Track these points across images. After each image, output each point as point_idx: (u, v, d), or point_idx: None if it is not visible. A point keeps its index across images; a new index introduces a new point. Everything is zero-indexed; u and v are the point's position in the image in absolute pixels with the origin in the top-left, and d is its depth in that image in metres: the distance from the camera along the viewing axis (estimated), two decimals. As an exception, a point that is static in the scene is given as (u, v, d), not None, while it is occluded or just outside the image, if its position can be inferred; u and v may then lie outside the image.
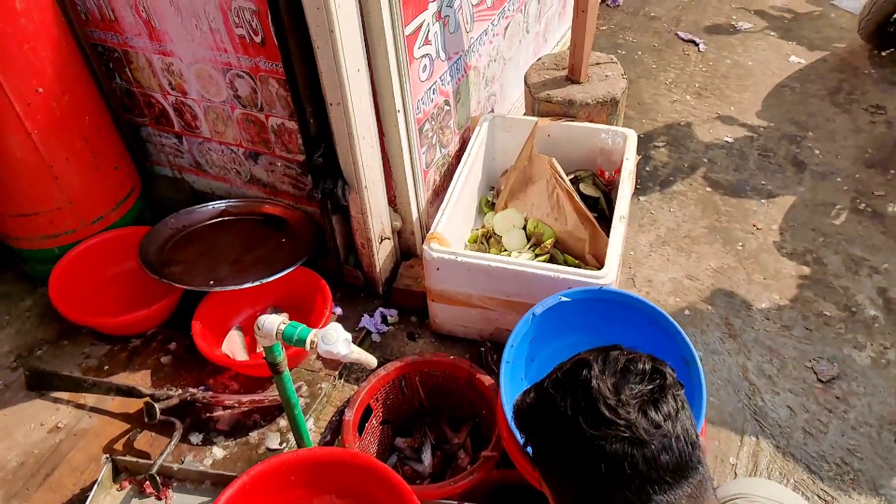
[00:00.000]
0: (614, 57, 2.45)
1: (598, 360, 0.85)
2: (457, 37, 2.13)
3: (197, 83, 2.15)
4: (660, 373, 0.83)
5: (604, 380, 0.82)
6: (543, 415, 0.87)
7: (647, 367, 0.83)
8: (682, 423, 0.83)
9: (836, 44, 3.25)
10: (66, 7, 2.13)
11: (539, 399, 0.89)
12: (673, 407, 0.83)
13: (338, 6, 1.58)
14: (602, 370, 0.83)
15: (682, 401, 0.85)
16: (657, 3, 3.66)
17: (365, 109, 1.82)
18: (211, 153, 2.37)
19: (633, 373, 0.83)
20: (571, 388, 0.85)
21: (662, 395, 0.83)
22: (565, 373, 0.87)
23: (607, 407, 0.81)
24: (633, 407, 0.81)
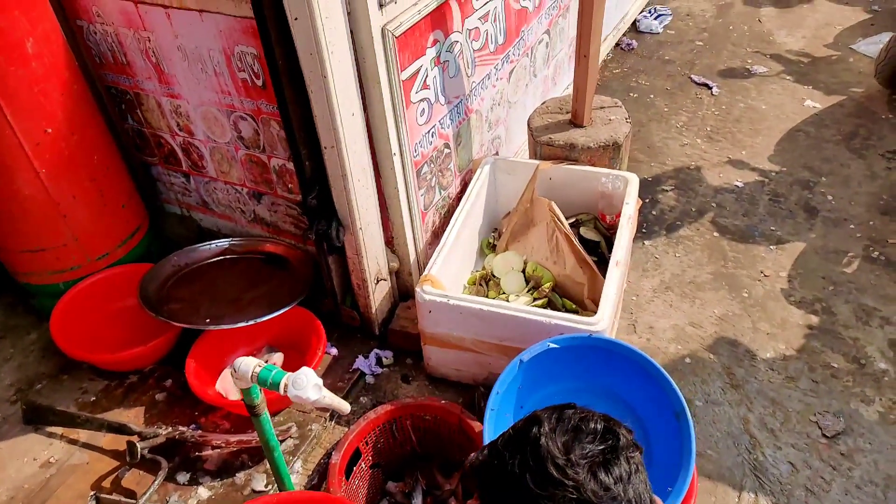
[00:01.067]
0: (619, 101, 2.45)
1: (551, 418, 0.82)
2: (457, 81, 2.15)
3: (203, 124, 2.20)
4: (613, 433, 0.80)
5: (554, 438, 0.79)
6: (493, 472, 0.85)
7: (600, 427, 0.81)
8: (634, 486, 0.79)
9: (853, 88, 3.21)
10: (81, 51, 2.22)
11: (490, 456, 0.86)
12: (625, 470, 0.80)
13: (331, 52, 1.61)
14: (553, 428, 0.81)
15: (637, 464, 0.82)
16: (672, 47, 3.67)
17: (360, 152, 1.84)
18: (217, 192, 2.41)
19: (586, 432, 0.80)
20: (521, 446, 0.82)
21: (615, 456, 0.80)
22: (517, 430, 0.84)
23: (555, 466, 0.78)
24: (582, 468, 0.78)
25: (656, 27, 3.82)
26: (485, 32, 2.22)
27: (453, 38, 2.05)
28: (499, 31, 2.31)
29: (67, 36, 2.16)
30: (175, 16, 1.94)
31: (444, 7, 1.95)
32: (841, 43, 3.57)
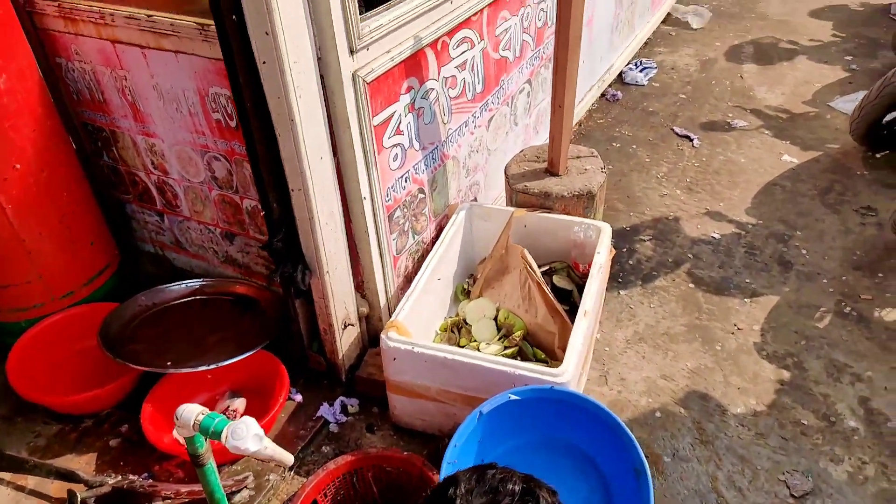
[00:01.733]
0: (595, 151, 2.46)
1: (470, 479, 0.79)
2: (433, 127, 2.16)
3: (177, 164, 2.20)
4: (532, 495, 0.77)
5: (470, 500, 0.76)
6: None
7: (519, 489, 0.78)
8: None
9: (829, 144, 3.25)
10: (60, 88, 2.23)
11: None
12: None
13: (298, 97, 1.62)
14: (470, 490, 0.78)
15: None
16: (656, 99, 3.72)
17: (328, 195, 1.83)
18: (190, 232, 2.39)
19: (503, 493, 0.77)
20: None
21: (531, 519, 0.77)
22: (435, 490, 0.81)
23: None
24: None
25: (641, 79, 3.88)
26: (462, 81, 2.25)
27: (429, 86, 2.07)
28: (477, 79, 2.34)
29: (46, 73, 2.17)
30: (151, 56, 1.95)
31: (419, 55, 1.98)
32: (819, 100, 3.63)
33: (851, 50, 4.17)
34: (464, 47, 2.19)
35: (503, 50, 2.46)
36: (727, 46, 4.27)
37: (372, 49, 1.77)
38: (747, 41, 4.33)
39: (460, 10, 2.10)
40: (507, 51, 2.50)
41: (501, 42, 2.42)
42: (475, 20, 2.21)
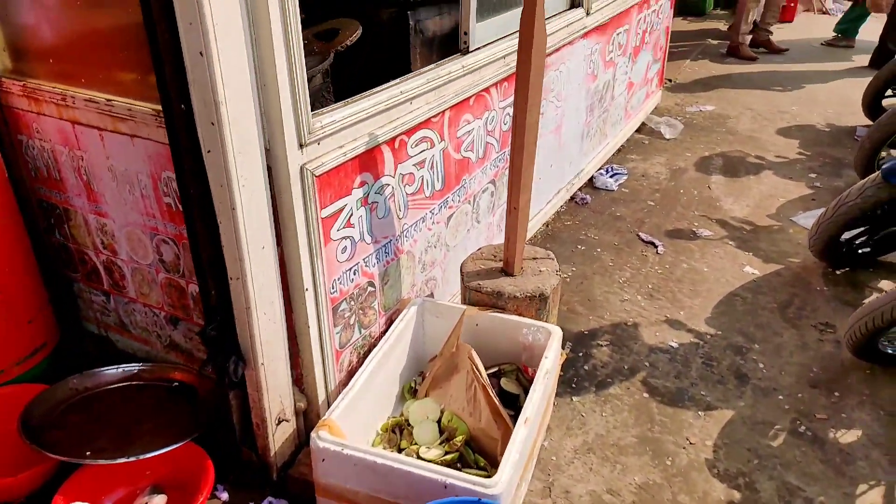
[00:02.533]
0: (551, 253, 2.47)
1: None
2: (387, 222, 2.16)
3: (127, 245, 2.18)
4: None
5: None
6: None
7: None
8: None
9: (791, 258, 3.28)
10: (20, 164, 2.24)
11: None
12: None
13: (242, 186, 1.62)
14: None
15: None
16: (624, 205, 3.79)
17: (268, 285, 1.80)
18: (135, 314, 2.34)
19: None
20: None
21: None
22: None
23: None
24: None
25: (612, 185, 3.97)
26: (420, 178, 2.28)
27: (384, 182, 2.09)
28: (436, 178, 2.37)
29: (8, 149, 2.19)
30: (108, 138, 1.97)
31: (375, 152, 2.01)
32: (782, 214, 3.71)
33: (816, 168, 4.30)
34: (423, 146, 2.24)
35: (465, 151, 2.51)
36: (697, 157, 4.40)
37: (323, 143, 1.80)
38: (717, 153, 4.47)
39: (420, 112, 2.15)
40: (470, 152, 2.55)
41: (464, 143, 2.48)
42: (436, 121, 2.26)
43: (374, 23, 2.91)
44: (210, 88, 1.48)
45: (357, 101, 1.91)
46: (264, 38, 1.54)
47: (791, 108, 5.29)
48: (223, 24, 1.45)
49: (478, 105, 2.50)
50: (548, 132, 3.19)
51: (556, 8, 3.04)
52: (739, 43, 6.43)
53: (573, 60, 3.23)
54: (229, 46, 1.48)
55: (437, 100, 2.23)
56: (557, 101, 3.19)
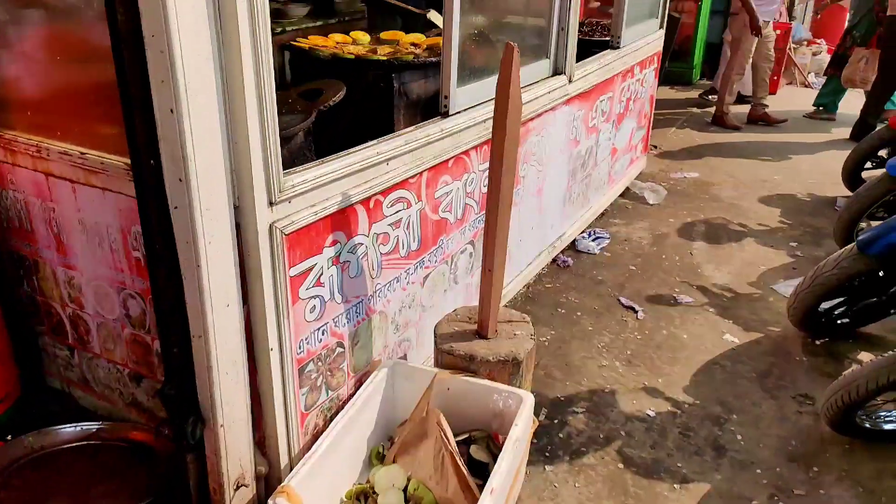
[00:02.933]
0: (527, 316, 2.44)
1: None
2: (359, 281, 2.14)
3: (94, 298, 2.15)
4: None
5: None
6: None
7: None
8: None
9: (771, 327, 3.27)
10: (-5, 214, 2.23)
11: None
12: None
13: (208, 243, 1.60)
14: None
15: None
16: (606, 269, 3.79)
17: (232, 344, 1.76)
18: (99, 370, 2.29)
19: None
20: None
21: None
22: None
23: None
24: None
25: (594, 248, 3.98)
26: (395, 238, 2.27)
27: (357, 241, 2.08)
28: (412, 238, 2.36)
29: (-18, 198, 2.18)
30: (80, 191, 1.97)
31: (348, 211, 2.00)
32: (763, 282, 3.71)
33: (797, 237, 4.34)
34: (399, 206, 2.24)
35: (443, 212, 2.52)
36: (680, 223, 4.44)
37: (294, 202, 1.79)
38: (699, 220, 4.51)
39: (396, 172, 2.17)
40: (448, 213, 2.55)
41: (441, 204, 2.49)
42: (413, 182, 2.27)
43: (361, 84, 2.97)
44: (179, 145, 1.49)
45: (331, 160, 1.92)
46: (237, 99, 1.56)
47: (773, 178, 5.38)
48: (195, 84, 1.46)
49: (457, 167, 2.52)
50: (529, 195, 3.22)
51: (539, 75, 3.10)
52: (724, 112, 6.59)
53: (555, 126, 3.28)
54: (200, 105, 1.49)
55: (415, 161, 2.25)
56: (539, 165, 3.23)
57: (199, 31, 1.44)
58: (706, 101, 7.31)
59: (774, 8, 6.25)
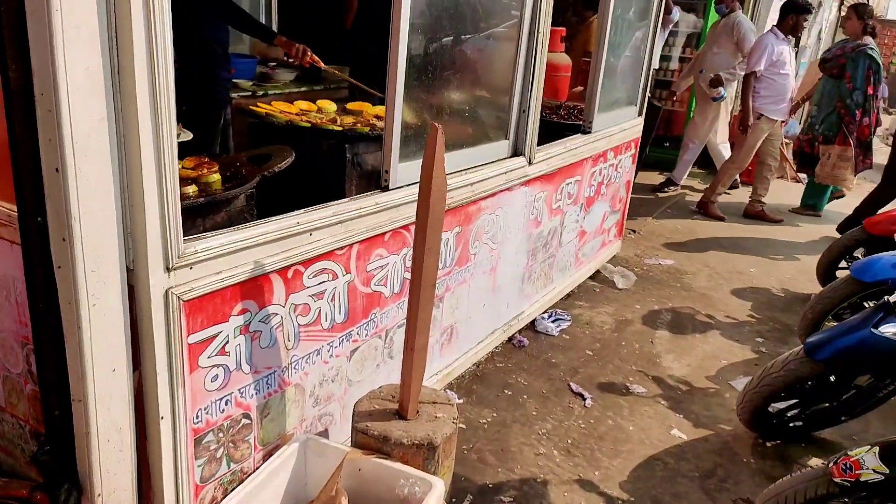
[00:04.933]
0: (453, 398, 2.37)
1: None
2: (272, 352, 2.09)
3: (0, 351, 2.10)
4: None
5: None
6: None
7: None
8: None
9: (722, 425, 3.16)
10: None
11: None
12: None
13: (91, 305, 1.57)
14: None
15: None
16: (562, 352, 3.71)
17: (117, 410, 1.70)
18: (4, 424, 2.22)
19: None
20: None
21: None
22: None
23: None
24: None
25: (552, 330, 3.92)
26: (317, 309, 2.23)
27: (271, 311, 2.04)
28: (338, 310, 2.32)
29: None
30: (-8, 242, 1.95)
31: (261, 280, 1.97)
32: (722, 377, 3.62)
33: (764, 332, 4.27)
34: (323, 277, 2.21)
35: (377, 285, 2.48)
36: (646, 310, 4.38)
37: (196, 269, 1.77)
38: (667, 308, 4.45)
39: (321, 243, 2.15)
40: (383, 286, 2.52)
41: (375, 277, 2.46)
42: (340, 254, 2.25)
43: (315, 152, 3.00)
44: (63, 204, 1.47)
45: (244, 228, 1.91)
46: (134, 162, 1.56)
47: (749, 270, 5.35)
48: (84, 145, 1.46)
49: (395, 241, 2.50)
50: (481, 273, 3.19)
51: (497, 154, 3.12)
52: (711, 201, 6.60)
53: (512, 206, 3.28)
54: (90, 166, 1.48)
55: (345, 233, 2.24)
56: (493, 244, 3.21)
57: (92, 91, 1.45)
58: (663, 191, 7.24)
59: (785, 107, 6.23)
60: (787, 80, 6.11)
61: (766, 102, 6.09)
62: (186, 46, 3.50)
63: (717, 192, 6.59)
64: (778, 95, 6.10)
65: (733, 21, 6.49)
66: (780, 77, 6.06)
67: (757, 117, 6.11)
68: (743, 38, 6.41)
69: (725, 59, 6.59)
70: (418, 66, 2.48)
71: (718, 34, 6.66)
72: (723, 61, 6.59)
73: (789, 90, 6.20)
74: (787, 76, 6.08)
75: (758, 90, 6.07)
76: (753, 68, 6.00)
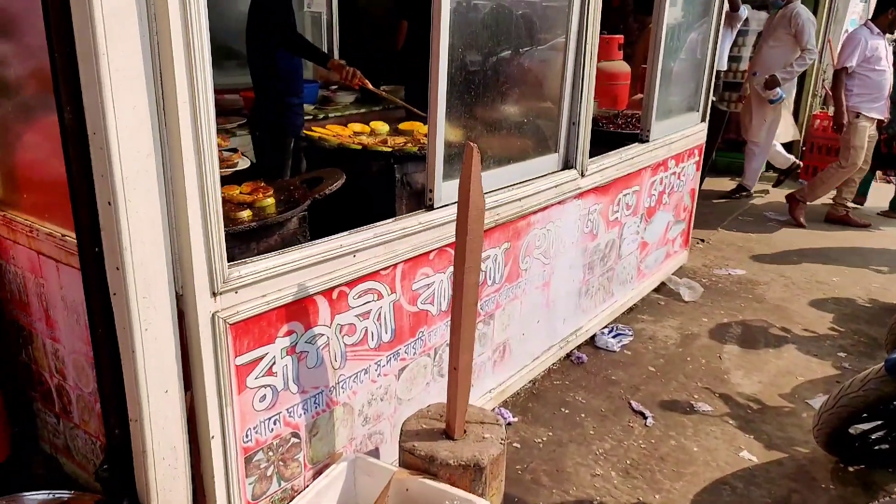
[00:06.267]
0: (509, 417, 2.35)
1: None
2: (319, 371, 2.14)
3: (73, 371, 2.24)
4: None
5: None
6: None
7: None
8: None
9: (798, 447, 2.99)
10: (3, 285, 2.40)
11: None
12: None
13: (144, 329, 1.66)
14: None
15: None
16: (622, 368, 3.62)
17: (171, 430, 1.78)
18: (78, 439, 2.36)
19: None
20: None
21: None
22: None
23: None
24: None
25: (613, 345, 3.82)
26: (363, 329, 2.27)
27: (317, 332, 2.09)
28: (384, 329, 2.35)
29: (-8, 271, 2.36)
30: (63, 270, 2.09)
31: (306, 302, 2.03)
32: (798, 395, 3.43)
33: (847, 347, 4.01)
34: (368, 298, 2.25)
35: (423, 303, 2.50)
36: (714, 324, 4.21)
37: (242, 293, 1.83)
38: (737, 321, 4.26)
39: (365, 264, 2.19)
40: (430, 304, 2.53)
41: (421, 296, 2.47)
42: (385, 274, 2.28)
43: (366, 173, 3.07)
44: (116, 235, 1.57)
45: (288, 252, 1.97)
46: (179, 194, 1.64)
47: (831, 280, 5.05)
48: (133, 178, 1.55)
49: (440, 259, 2.51)
50: (533, 288, 3.15)
51: (546, 168, 3.10)
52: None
53: (564, 219, 3.24)
54: (139, 198, 1.57)
55: (388, 254, 2.27)
56: (545, 259, 3.18)
57: (139, 128, 1.54)
58: (734, 197, 6.98)
59: (883, 104, 5.86)
60: (884, 76, 5.77)
61: (862, 101, 5.77)
62: (261, 74, 3.69)
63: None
64: (874, 92, 5.77)
65: (791, 12, 6.20)
66: (876, 73, 5.73)
67: (854, 116, 5.80)
68: (801, 29, 6.12)
69: (783, 54, 6.30)
70: (460, 84, 2.50)
71: (775, 27, 6.39)
72: (780, 55, 6.31)
73: (886, 87, 5.83)
74: (882, 72, 5.75)
75: (850, 88, 5.77)
76: (844, 64, 5.71)
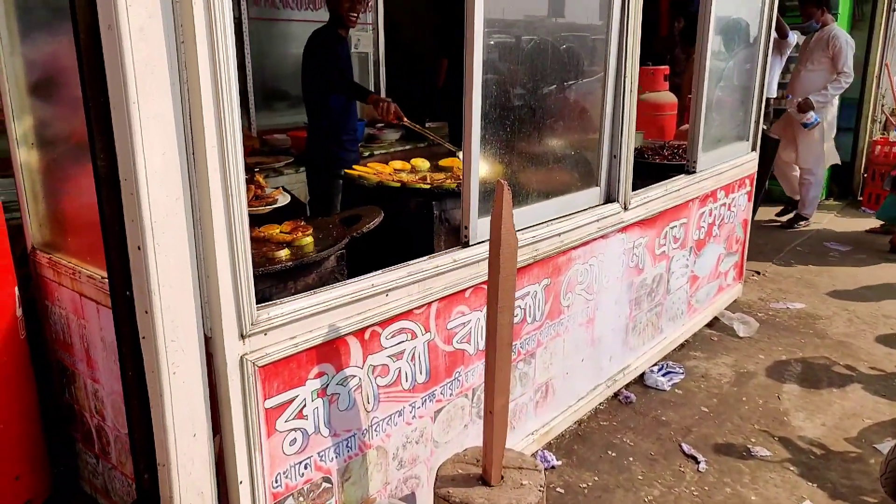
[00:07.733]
0: (541, 464, 2.25)
1: None
2: (351, 414, 2.10)
3: (112, 412, 2.26)
4: None
5: None
6: None
7: None
8: None
9: (865, 497, 2.77)
10: (46, 326, 2.46)
11: None
12: None
13: (172, 373, 1.66)
14: None
15: None
16: (673, 409, 3.46)
17: (200, 474, 1.76)
18: (115, 481, 2.37)
19: None
20: None
21: None
22: None
23: None
24: None
25: (664, 384, 3.66)
26: (397, 370, 2.22)
27: (348, 373, 2.06)
28: (419, 370, 2.30)
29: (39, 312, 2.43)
30: (103, 311, 2.13)
31: (337, 343, 2.00)
32: (865, 439, 3.20)
33: (919, 385, 3.74)
34: (401, 337, 2.21)
35: (460, 343, 2.44)
36: (772, 361, 3.99)
37: (271, 334, 1.82)
38: (796, 358, 4.04)
39: (398, 303, 2.15)
40: (467, 343, 2.47)
41: (457, 335, 2.42)
42: (419, 313, 2.24)
43: (405, 211, 3.05)
44: (145, 279, 1.58)
45: (319, 292, 1.95)
46: (208, 237, 1.64)
47: (900, 313, 4.76)
48: (162, 223, 1.56)
49: (476, 297, 2.46)
50: (576, 325, 3.06)
51: (587, 202, 3.02)
52: None
53: (608, 254, 3.14)
54: (168, 243, 1.58)
55: (422, 292, 2.23)
56: (588, 294, 3.08)
57: (168, 173, 1.56)
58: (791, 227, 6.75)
59: None
60: None
61: None
62: (315, 113, 3.79)
63: None
64: None
65: (828, 34, 6.12)
66: None
67: None
68: (839, 52, 6.02)
69: (822, 77, 6.21)
70: (496, 120, 2.47)
71: (812, 50, 6.29)
72: (818, 79, 6.22)
73: None
74: None
75: None
76: None
